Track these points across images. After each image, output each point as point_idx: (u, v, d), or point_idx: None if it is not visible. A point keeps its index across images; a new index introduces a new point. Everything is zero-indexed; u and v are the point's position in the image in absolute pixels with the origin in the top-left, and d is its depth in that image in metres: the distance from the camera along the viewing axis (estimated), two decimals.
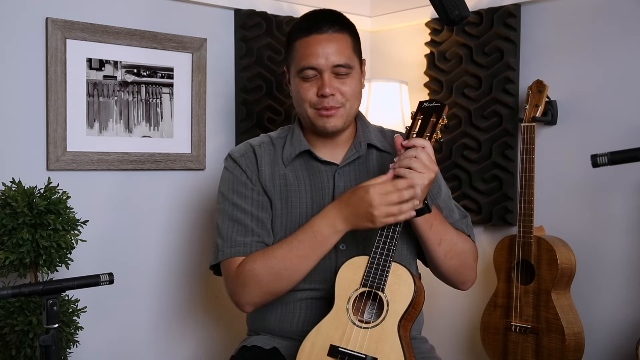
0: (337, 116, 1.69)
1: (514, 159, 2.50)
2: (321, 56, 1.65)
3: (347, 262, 1.60)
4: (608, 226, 2.32)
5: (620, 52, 2.29)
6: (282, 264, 1.62)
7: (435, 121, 1.60)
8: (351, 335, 1.55)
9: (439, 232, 1.67)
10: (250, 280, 1.64)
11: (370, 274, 1.56)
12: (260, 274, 1.63)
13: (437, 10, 1.60)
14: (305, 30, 1.69)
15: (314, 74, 1.67)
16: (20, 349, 1.91)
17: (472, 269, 1.78)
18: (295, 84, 1.72)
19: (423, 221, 1.63)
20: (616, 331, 2.30)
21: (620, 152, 1.32)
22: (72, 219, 1.99)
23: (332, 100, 1.67)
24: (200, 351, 2.58)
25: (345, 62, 1.67)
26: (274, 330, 1.76)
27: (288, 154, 1.75)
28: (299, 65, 1.68)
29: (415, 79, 2.80)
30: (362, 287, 1.57)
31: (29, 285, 1.43)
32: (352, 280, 1.58)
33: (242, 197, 1.72)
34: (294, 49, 1.71)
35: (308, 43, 1.67)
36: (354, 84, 1.70)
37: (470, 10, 1.69)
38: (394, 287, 1.56)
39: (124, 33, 2.32)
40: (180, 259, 2.50)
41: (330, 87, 1.66)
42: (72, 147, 2.23)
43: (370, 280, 1.56)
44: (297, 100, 1.72)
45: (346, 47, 1.69)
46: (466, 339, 2.72)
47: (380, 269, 1.56)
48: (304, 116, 1.72)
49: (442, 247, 1.68)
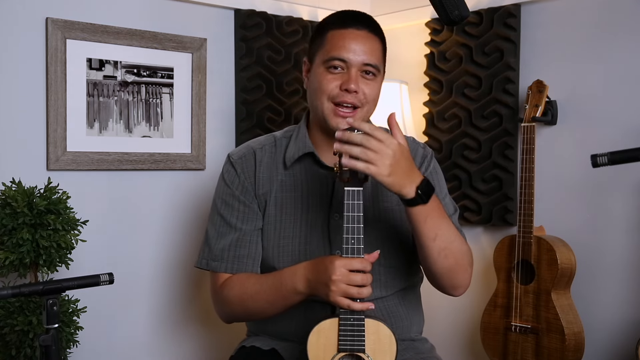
0: (354, 118, 1.62)
1: (514, 159, 2.51)
2: (354, 51, 1.63)
3: (313, 330, 1.49)
4: (608, 226, 2.32)
5: (620, 52, 2.29)
6: (251, 301, 1.67)
7: None
8: None
9: (435, 226, 1.55)
10: (225, 305, 1.72)
11: (345, 336, 1.47)
12: (233, 304, 1.70)
13: (437, 10, 1.60)
14: (342, 22, 1.67)
15: (341, 67, 1.64)
16: (20, 349, 1.91)
17: (467, 272, 1.67)
18: (317, 74, 1.67)
19: (417, 212, 1.52)
20: (616, 331, 2.30)
21: (620, 152, 1.32)
22: (72, 219, 1.99)
23: (354, 98, 1.63)
24: (200, 351, 2.58)
25: (375, 63, 1.65)
26: (272, 331, 1.76)
27: (291, 155, 1.73)
28: (329, 54, 1.64)
29: (415, 79, 2.80)
30: (340, 352, 1.47)
31: (29, 285, 1.43)
32: (326, 347, 1.48)
33: (230, 208, 1.73)
34: (326, 39, 1.67)
35: (343, 35, 1.64)
36: (376, 89, 1.68)
37: (470, 10, 1.68)
38: (374, 345, 1.47)
39: (124, 33, 2.32)
40: (180, 259, 2.50)
41: (356, 83, 1.63)
42: (72, 147, 2.23)
43: (348, 343, 1.46)
44: (316, 91, 1.67)
45: (378, 50, 1.68)
46: (466, 339, 2.72)
47: (354, 329, 1.46)
48: (318, 110, 1.67)
49: (437, 243, 1.56)
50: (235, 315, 1.74)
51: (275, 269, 1.69)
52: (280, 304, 1.62)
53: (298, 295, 1.58)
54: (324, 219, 1.70)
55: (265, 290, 1.63)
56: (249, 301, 1.67)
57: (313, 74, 1.69)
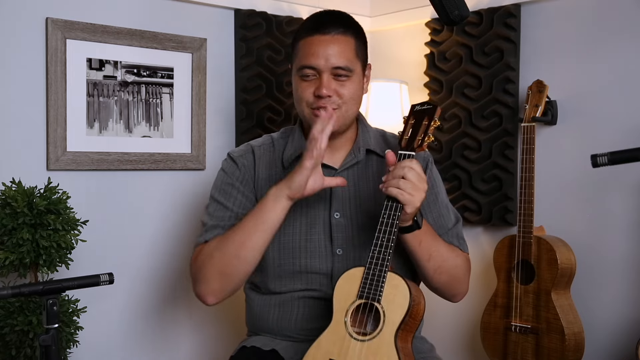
0: (334, 118, 1.65)
1: (514, 159, 2.50)
2: (321, 57, 1.65)
3: (344, 275, 1.58)
4: (608, 226, 2.32)
5: (620, 52, 2.29)
6: (231, 239, 1.63)
7: (427, 124, 1.58)
8: (349, 349, 1.52)
9: (428, 248, 1.64)
10: (205, 262, 1.65)
11: (366, 285, 1.54)
12: (213, 253, 1.64)
13: (437, 10, 1.60)
14: (310, 30, 1.69)
15: (313, 74, 1.67)
16: (20, 349, 1.91)
17: (463, 282, 1.76)
18: (295, 82, 1.72)
19: (412, 237, 1.61)
20: (616, 331, 2.30)
21: (620, 152, 1.32)
22: (72, 219, 1.99)
23: (328, 102, 1.66)
24: (200, 351, 2.58)
25: (345, 65, 1.66)
26: (273, 329, 1.76)
27: (289, 155, 1.76)
28: (300, 63, 1.68)
29: (415, 79, 2.80)
30: (359, 299, 1.54)
31: (29, 285, 1.43)
32: (349, 293, 1.56)
33: (227, 195, 1.73)
34: (297, 48, 1.71)
35: (311, 43, 1.67)
36: (353, 88, 1.68)
37: (470, 10, 1.68)
38: (390, 297, 1.53)
39: (124, 33, 2.32)
40: (180, 258, 2.50)
41: (328, 88, 1.65)
42: (72, 147, 2.23)
43: (367, 291, 1.53)
44: (296, 98, 1.73)
45: (348, 50, 1.67)
46: (466, 339, 2.72)
47: (375, 279, 1.53)
48: (302, 115, 1.72)
49: (432, 263, 1.65)
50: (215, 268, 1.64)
51: (275, 266, 1.71)
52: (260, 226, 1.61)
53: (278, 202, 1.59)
54: (324, 217, 1.72)
55: (244, 220, 1.63)
56: (228, 241, 1.63)
57: (293, 81, 1.74)
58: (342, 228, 1.71)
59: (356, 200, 1.73)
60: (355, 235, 1.70)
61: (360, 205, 1.73)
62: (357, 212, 1.72)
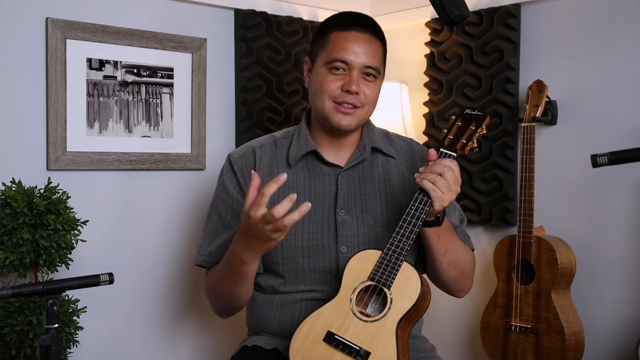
0: (354, 116, 1.70)
1: (514, 159, 2.50)
2: (356, 53, 1.67)
3: (359, 253, 1.62)
4: (608, 226, 2.32)
5: (620, 52, 2.29)
6: (221, 288, 1.72)
7: (473, 129, 1.62)
8: (350, 325, 1.56)
9: (446, 243, 1.69)
10: (209, 296, 1.81)
11: (379, 268, 1.57)
12: (212, 293, 1.78)
13: (437, 10, 1.60)
14: (345, 24, 1.71)
15: (343, 69, 1.68)
16: (20, 349, 1.91)
17: (470, 278, 1.82)
18: (319, 74, 1.71)
19: (432, 231, 1.66)
20: (616, 331, 2.30)
21: (620, 152, 1.32)
22: (72, 219, 1.99)
23: (355, 99, 1.68)
24: (201, 351, 2.58)
25: (376, 65, 1.70)
26: (274, 330, 1.76)
27: (294, 154, 1.76)
28: (331, 56, 1.68)
29: (415, 79, 2.80)
30: (370, 280, 1.58)
31: (29, 285, 1.43)
32: (361, 272, 1.59)
33: (226, 207, 1.77)
34: (328, 40, 1.71)
35: (345, 37, 1.68)
36: (376, 90, 1.73)
37: (470, 10, 1.69)
38: (400, 286, 1.56)
39: (124, 33, 2.32)
40: (180, 258, 2.50)
41: (357, 85, 1.67)
42: (72, 147, 2.23)
43: (379, 275, 1.57)
44: (318, 90, 1.71)
45: (379, 53, 1.73)
46: (466, 339, 2.72)
47: (390, 265, 1.56)
48: (319, 109, 1.71)
49: (447, 257, 1.70)
50: (213, 304, 1.81)
51: (279, 265, 1.72)
52: (238, 281, 1.65)
53: (246, 264, 1.59)
54: (329, 215, 1.73)
55: (224, 273, 1.68)
56: (216, 288, 1.74)
57: (315, 73, 1.73)
58: (347, 226, 1.72)
59: (361, 198, 1.74)
60: (360, 233, 1.71)
61: (365, 204, 1.74)
62: (362, 210, 1.74)
